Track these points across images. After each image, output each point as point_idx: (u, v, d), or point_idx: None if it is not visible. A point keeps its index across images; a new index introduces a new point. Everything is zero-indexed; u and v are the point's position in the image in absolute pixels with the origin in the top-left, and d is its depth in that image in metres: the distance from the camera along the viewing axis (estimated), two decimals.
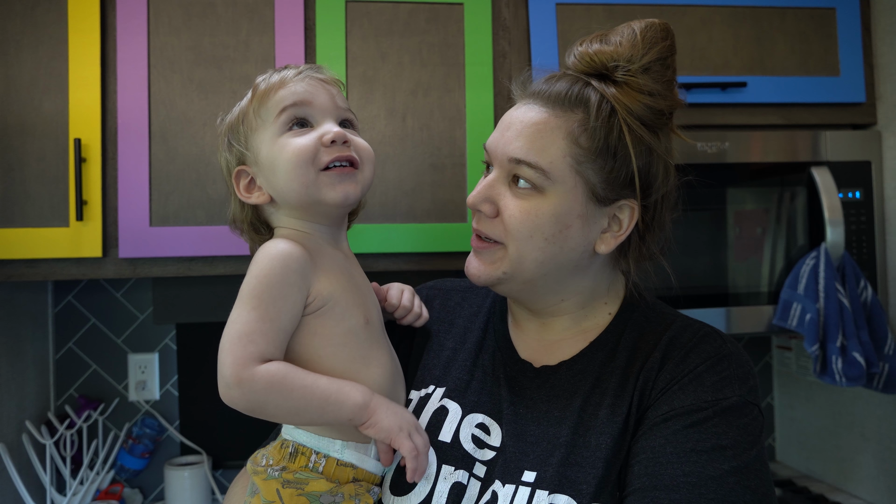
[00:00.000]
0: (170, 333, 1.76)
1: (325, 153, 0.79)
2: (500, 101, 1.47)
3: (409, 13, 1.45)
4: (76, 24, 1.35)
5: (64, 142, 1.34)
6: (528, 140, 0.79)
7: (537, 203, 0.79)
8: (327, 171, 0.79)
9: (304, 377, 0.73)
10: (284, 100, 0.80)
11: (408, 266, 1.44)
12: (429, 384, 0.89)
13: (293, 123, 0.80)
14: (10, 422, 1.51)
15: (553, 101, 0.80)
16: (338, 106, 0.83)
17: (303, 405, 0.73)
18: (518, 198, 0.80)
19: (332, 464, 0.77)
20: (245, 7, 1.40)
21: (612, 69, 0.80)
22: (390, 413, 0.76)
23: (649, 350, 0.80)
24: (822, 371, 1.44)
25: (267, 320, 0.73)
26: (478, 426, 0.82)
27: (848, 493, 1.68)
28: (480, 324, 0.93)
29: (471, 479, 0.78)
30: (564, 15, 1.48)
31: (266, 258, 0.76)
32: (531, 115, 0.81)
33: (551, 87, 0.81)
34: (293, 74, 0.82)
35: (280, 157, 0.79)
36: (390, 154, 1.43)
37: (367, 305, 0.83)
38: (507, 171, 0.81)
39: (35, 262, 1.35)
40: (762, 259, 1.51)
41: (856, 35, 1.55)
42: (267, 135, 0.80)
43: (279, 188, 0.80)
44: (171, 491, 1.62)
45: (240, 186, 0.83)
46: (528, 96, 0.83)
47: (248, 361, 0.71)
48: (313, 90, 0.81)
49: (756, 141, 1.51)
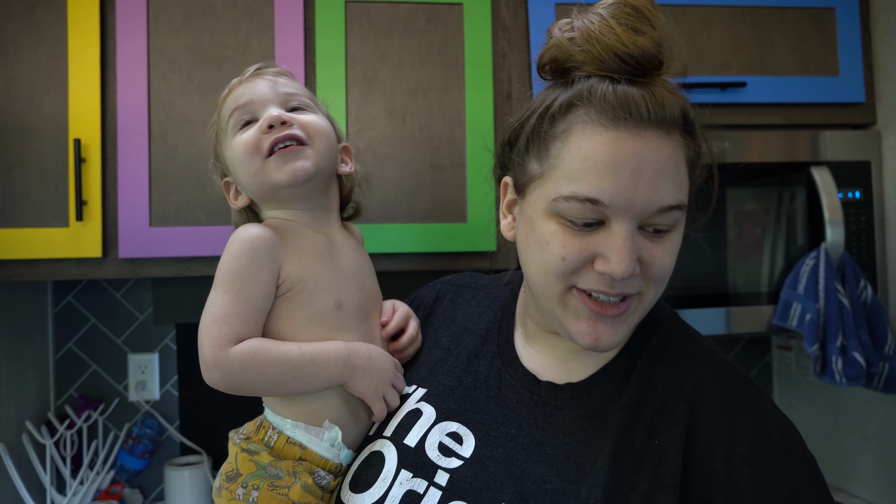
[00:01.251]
0: (170, 333, 1.76)
1: (265, 139, 0.82)
2: (500, 100, 1.47)
3: (409, 13, 1.45)
4: (76, 24, 1.35)
5: (64, 142, 1.34)
6: (670, 182, 0.67)
7: (677, 236, 0.71)
8: (272, 155, 0.82)
9: (275, 351, 0.76)
10: (229, 105, 0.85)
11: (408, 266, 1.44)
12: (412, 382, 0.86)
13: (242, 125, 0.84)
14: (10, 422, 1.51)
15: (664, 121, 0.67)
16: (279, 93, 0.85)
17: (279, 378, 0.77)
18: (661, 242, 0.69)
19: (282, 440, 0.81)
20: (245, 7, 1.40)
21: (657, 64, 0.70)
22: (366, 378, 0.80)
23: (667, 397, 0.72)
24: (822, 371, 1.44)
25: (240, 301, 0.77)
26: (449, 434, 0.77)
27: (848, 493, 1.68)
28: (482, 328, 0.88)
29: (430, 489, 0.73)
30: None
31: (235, 242, 0.79)
32: (657, 147, 0.67)
33: (651, 103, 0.67)
34: (237, 80, 0.88)
35: (234, 157, 0.84)
36: (390, 154, 1.43)
37: (345, 290, 0.84)
38: (642, 220, 0.68)
39: (35, 262, 1.35)
40: (762, 259, 1.51)
41: (855, 35, 1.55)
42: (224, 137, 0.87)
43: (243, 186, 0.86)
44: (171, 491, 1.62)
45: (230, 195, 0.90)
46: (625, 118, 0.67)
47: (223, 343, 0.75)
48: (253, 87, 0.85)
49: (756, 141, 1.51)
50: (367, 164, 1.42)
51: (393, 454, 0.78)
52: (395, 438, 0.80)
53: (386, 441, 0.80)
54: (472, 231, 1.43)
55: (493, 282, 0.97)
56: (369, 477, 0.77)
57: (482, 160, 1.45)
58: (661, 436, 0.70)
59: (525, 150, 0.75)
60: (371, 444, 0.81)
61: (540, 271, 0.72)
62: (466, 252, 1.45)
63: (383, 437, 0.81)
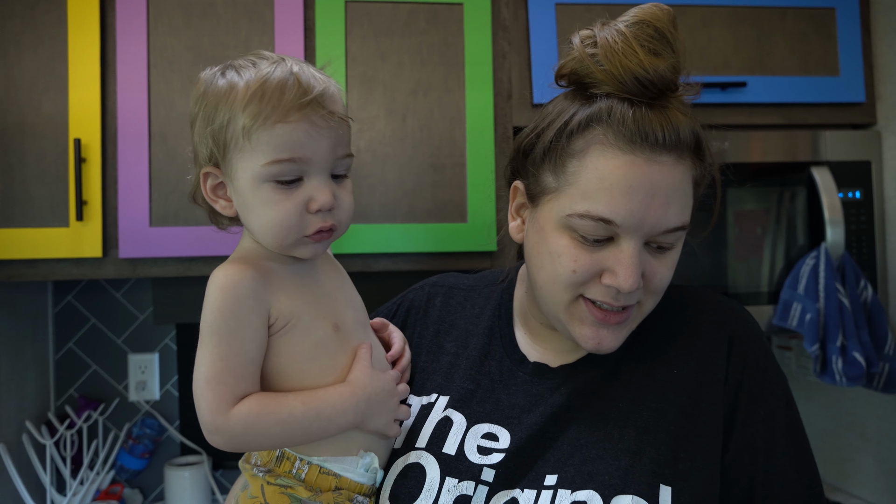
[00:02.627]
0: (170, 333, 1.76)
1: (311, 223, 0.73)
2: (500, 100, 1.48)
3: (409, 13, 1.45)
4: (76, 24, 1.35)
5: (64, 142, 1.34)
6: (679, 205, 0.72)
7: (677, 253, 0.76)
8: (305, 237, 0.74)
9: (278, 411, 0.71)
10: (280, 150, 0.69)
11: (408, 266, 1.44)
12: (431, 391, 0.86)
13: (287, 181, 0.71)
14: (10, 422, 1.51)
15: (676, 146, 0.71)
16: (336, 156, 0.73)
17: (286, 438, 0.72)
18: (662, 257, 0.74)
19: (314, 471, 0.76)
20: (245, 7, 1.40)
21: (673, 87, 0.72)
22: (377, 415, 0.76)
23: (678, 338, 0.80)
24: (822, 371, 1.44)
25: (231, 356, 0.70)
26: (484, 436, 0.80)
27: (848, 493, 1.68)
28: (484, 328, 0.90)
29: (478, 487, 0.76)
30: (564, 15, 1.48)
31: (216, 291, 0.71)
32: (669, 172, 0.70)
33: (664, 127, 0.70)
34: (302, 104, 0.70)
35: (259, 208, 0.72)
36: (390, 154, 1.43)
37: (337, 310, 0.80)
38: (648, 238, 0.72)
39: (35, 262, 1.35)
40: (762, 259, 1.51)
41: (855, 35, 1.55)
42: (249, 166, 0.71)
43: (250, 226, 0.75)
44: (171, 491, 1.62)
45: (206, 185, 0.76)
46: (640, 144, 0.70)
47: (221, 405, 0.70)
48: (317, 140, 0.71)
49: (756, 141, 1.51)
50: (367, 164, 1.42)
51: (434, 464, 0.78)
52: (433, 448, 0.80)
53: (422, 452, 0.80)
54: (472, 231, 1.43)
55: (480, 281, 0.98)
56: (412, 490, 0.77)
57: (482, 160, 1.45)
58: (678, 367, 0.78)
59: (541, 162, 0.77)
60: (403, 457, 0.81)
61: (550, 280, 0.76)
62: (466, 252, 1.45)
63: (418, 449, 0.81)
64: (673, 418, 0.75)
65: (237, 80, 0.71)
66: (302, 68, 0.72)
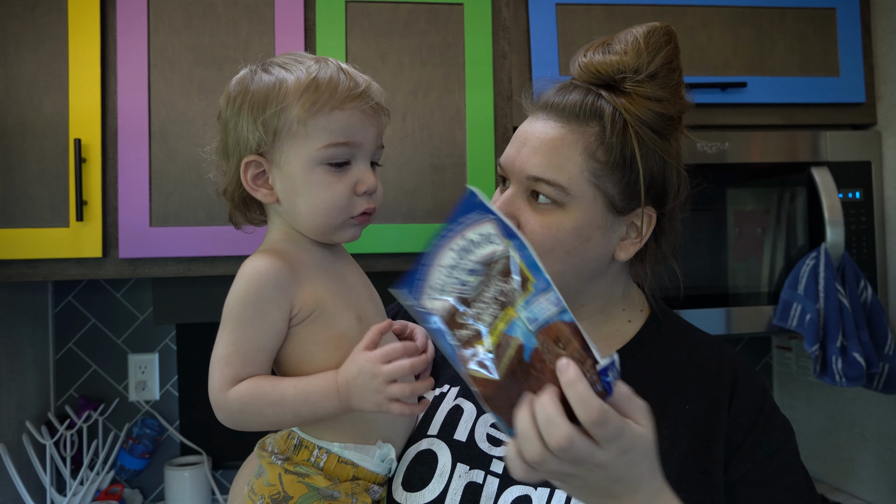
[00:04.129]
0: (170, 334, 1.76)
1: (357, 205, 0.79)
2: (500, 101, 1.48)
3: (409, 13, 1.45)
4: (76, 24, 1.35)
5: (64, 142, 1.34)
6: (545, 157, 0.78)
7: (558, 218, 0.79)
8: (351, 218, 0.80)
9: (270, 393, 0.74)
10: (338, 134, 0.76)
11: (408, 266, 1.44)
12: (443, 383, 0.89)
13: (338, 163, 0.78)
14: (10, 422, 1.51)
15: (567, 114, 0.80)
16: (377, 145, 0.81)
17: (278, 419, 0.75)
18: (538, 213, 0.79)
19: (332, 460, 0.78)
20: (245, 7, 1.40)
21: (619, 80, 0.80)
22: (365, 396, 0.74)
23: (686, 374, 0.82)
24: (822, 371, 1.44)
25: (244, 341, 0.74)
26: (493, 425, 0.82)
27: (848, 494, 1.68)
28: None
29: (487, 478, 0.78)
30: (564, 15, 1.49)
31: (243, 279, 0.76)
32: (547, 130, 0.80)
33: (564, 99, 0.80)
34: (355, 94, 0.77)
35: (311, 191, 0.77)
36: (390, 154, 1.43)
37: (360, 303, 0.83)
38: (526, 187, 0.80)
39: (35, 262, 1.35)
40: (762, 259, 1.51)
41: (856, 35, 1.55)
42: (303, 151, 0.76)
43: (296, 211, 0.79)
44: (171, 491, 1.62)
45: (247, 175, 0.79)
46: (540, 108, 0.82)
47: (224, 384, 0.74)
48: (367, 128, 0.78)
49: (756, 141, 1.51)
50: None
51: (445, 450, 0.81)
52: (444, 436, 0.82)
53: (434, 439, 0.82)
54: None
55: None
56: (424, 475, 0.80)
57: (482, 160, 1.45)
58: (691, 403, 0.80)
59: None
60: (416, 444, 0.83)
61: None
62: None
63: (430, 437, 0.83)
64: (683, 450, 0.76)
65: (285, 74, 0.77)
66: (347, 66, 0.81)
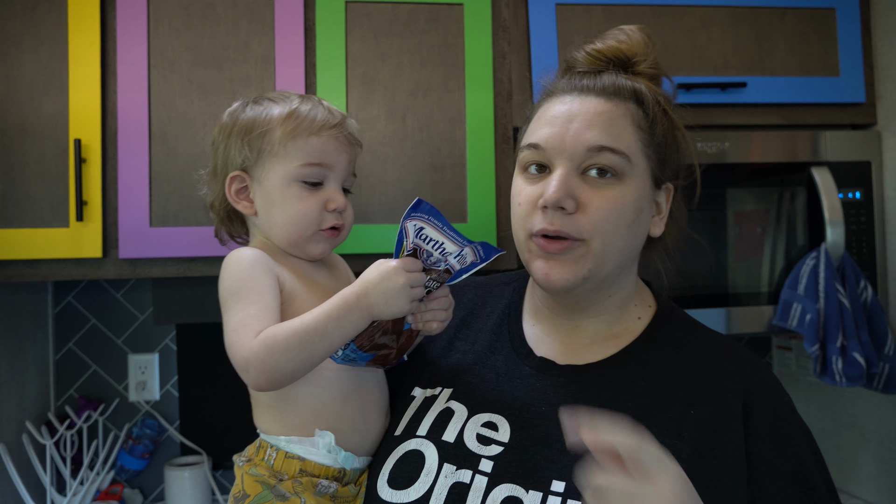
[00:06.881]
0: (170, 334, 1.76)
1: (327, 219, 0.88)
2: (500, 101, 1.48)
3: (409, 13, 1.45)
4: (76, 24, 1.35)
5: (64, 142, 1.34)
6: (604, 128, 0.78)
7: (621, 191, 0.78)
8: (320, 231, 0.89)
9: (290, 325, 0.77)
10: (313, 155, 0.87)
11: None
12: (436, 385, 0.88)
13: (312, 183, 0.87)
14: (10, 422, 1.51)
15: (608, 92, 0.81)
16: (349, 172, 0.91)
17: (306, 347, 0.76)
18: (597, 188, 0.78)
19: (281, 456, 0.82)
20: (245, 7, 1.40)
21: (634, 63, 0.83)
22: (389, 301, 0.77)
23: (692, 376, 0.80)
24: (822, 371, 1.44)
25: (252, 304, 0.79)
26: (484, 425, 0.81)
27: (848, 494, 1.68)
28: (493, 326, 0.92)
29: (475, 477, 0.77)
30: (564, 15, 1.49)
31: (233, 263, 0.83)
32: (595, 106, 0.80)
33: (598, 81, 0.82)
34: (330, 125, 0.88)
35: (286, 204, 0.87)
36: (390, 154, 1.43)
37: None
38: (579, 163, 0.78)
39: (35, 262, 1.35)
40: (762, 259, 1.51)
41: (856, 35, 1.55)
42: (282, 169, 0.87)
43: (272, 222, 0.88)
44: (171, 491, 1.62)
45: (231, 189, 0.89)
46: (574, 90, 0.82)
47: (244, 341, 0.77)
48: (339, 154, 0.89)
49: (756, 141, 1.51)
50: (367, 164, 1.42)
51: (433, 451, 0.80)
52: (433, 437, 0.82)
53: (422, 440, 0.82)
54: (472, 231, 1.43)
55: (491, 281, 1.01)
56: (410, 474, 0.80)
57: (482, 160, 1.45)
58: (696, 408, 0.77)
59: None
60: (403, 444, 0.83)
61: (514, 224, 0.84)
62: None
63: (419, 437, 0.83)
64: (686, 457, 0.73)
65: (273, 106, 0.89)
66: (328, 103, 0.92)
